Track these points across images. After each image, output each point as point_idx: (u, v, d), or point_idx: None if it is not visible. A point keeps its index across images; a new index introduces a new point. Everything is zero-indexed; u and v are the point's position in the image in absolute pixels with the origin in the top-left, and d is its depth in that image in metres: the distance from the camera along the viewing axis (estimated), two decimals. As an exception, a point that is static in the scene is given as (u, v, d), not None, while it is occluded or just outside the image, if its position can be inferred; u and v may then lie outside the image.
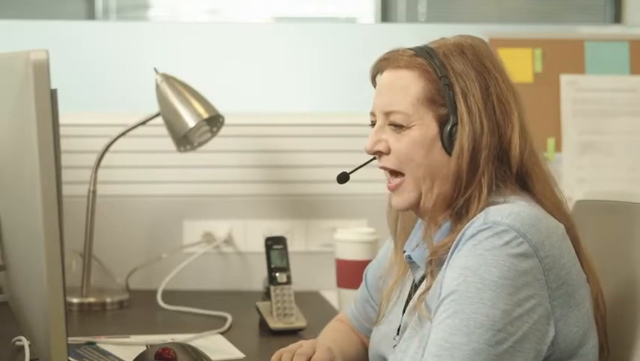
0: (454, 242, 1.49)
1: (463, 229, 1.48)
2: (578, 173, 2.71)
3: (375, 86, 1.63)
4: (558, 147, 2.71)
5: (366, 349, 1.82)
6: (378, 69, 1.62)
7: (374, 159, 1.62)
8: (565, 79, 2.73)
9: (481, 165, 1.52)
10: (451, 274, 1.46)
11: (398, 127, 1.56)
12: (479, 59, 1.56)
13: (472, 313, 1.40)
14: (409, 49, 1.59)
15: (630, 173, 2.72)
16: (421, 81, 1.55)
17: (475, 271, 1.43)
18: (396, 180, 1.58)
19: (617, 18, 4.67)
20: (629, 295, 1.61)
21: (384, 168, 1.59)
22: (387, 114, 1.57)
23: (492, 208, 1.48)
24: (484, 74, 1.55)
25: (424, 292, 1.54)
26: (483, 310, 1.40)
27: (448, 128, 1.53)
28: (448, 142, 1.53)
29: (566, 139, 2.71)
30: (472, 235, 1.46)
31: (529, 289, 1.42)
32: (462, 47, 1.57)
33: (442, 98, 1.54)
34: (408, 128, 1.55)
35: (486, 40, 1.62)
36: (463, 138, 1.52)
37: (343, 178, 1.67)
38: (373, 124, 1.61)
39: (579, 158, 2.71)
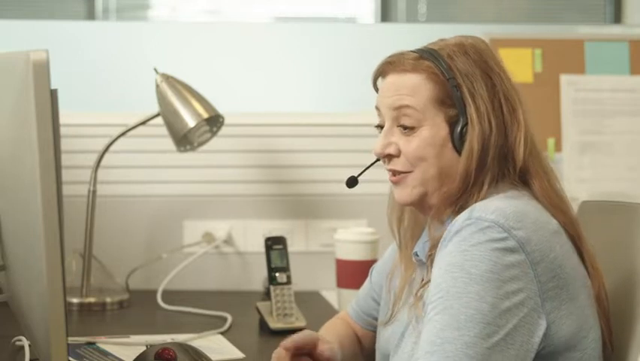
0: (441, 239, 1.49)
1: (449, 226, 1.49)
2: (578, 173, 2.71)
3: (376, 90, 1.62)
4: (558, 147, 2.71)
5: (362, 347, 1.82)
6: (380, 72, 1.61)
7: (378, 160, 1.61)
8: (565, 79, 2.73)
9: (488, 163, 1.53)
10: (438, 272, 1.46)
11: (409, 129, 1.56)
12: (482, 57, 1.57)
13: (461, 307, 1.40)
14: (412, 51, 1.59)
15: (630, 173, 2.72)
16: (429, 83, 1.55)
17: (461, 267, 1.43)
18: (402, 174, 1.58)
19: (617, 18, 4.67)
20: (635, 295, 1.61)
21: (393, 171, 1.59)
22: (397, 109, 1.56)
23: (477, 205, 1.48)
24: (489, 73, 1.56)
25: (421, 287, 1.55)
26: (472, 304, 1.40)
27: (459, 128, 1.54)
28: (458, 142, 1.54)
29: (566, 139, 2.71)
30: (457, 232, 1.46)
31: (517, 282, 1.42)
32: (464, 47, 1.57)
33: (450, 99, 1.55)
34: (418, 128, 1.55)
35: (486, 40, 1.62)
36: (473, 139, 1.53)
37: (352, 182, 1.67)
38: (379, 127, 1.60)
39: (579, 158, 2.71)
